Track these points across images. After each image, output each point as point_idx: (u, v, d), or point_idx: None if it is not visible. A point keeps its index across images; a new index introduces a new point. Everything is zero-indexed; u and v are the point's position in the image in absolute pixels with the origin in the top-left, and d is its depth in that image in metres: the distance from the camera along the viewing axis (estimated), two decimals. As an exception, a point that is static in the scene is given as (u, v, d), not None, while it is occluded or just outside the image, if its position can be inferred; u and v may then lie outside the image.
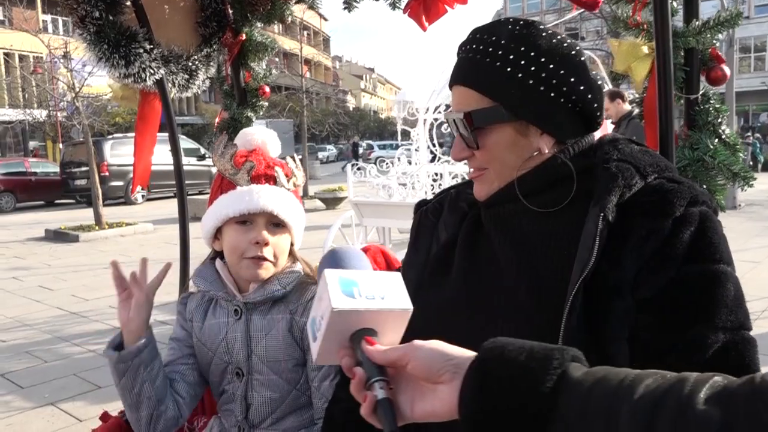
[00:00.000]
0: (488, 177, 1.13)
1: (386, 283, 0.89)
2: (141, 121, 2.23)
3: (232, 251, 1.51)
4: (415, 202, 1.37)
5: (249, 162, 1.51)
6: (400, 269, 1.31)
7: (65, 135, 26.34)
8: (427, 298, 1.20)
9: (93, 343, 5.74)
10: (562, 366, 0.72)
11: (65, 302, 7.34)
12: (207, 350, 1.57)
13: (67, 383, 4.78)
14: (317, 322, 0.87)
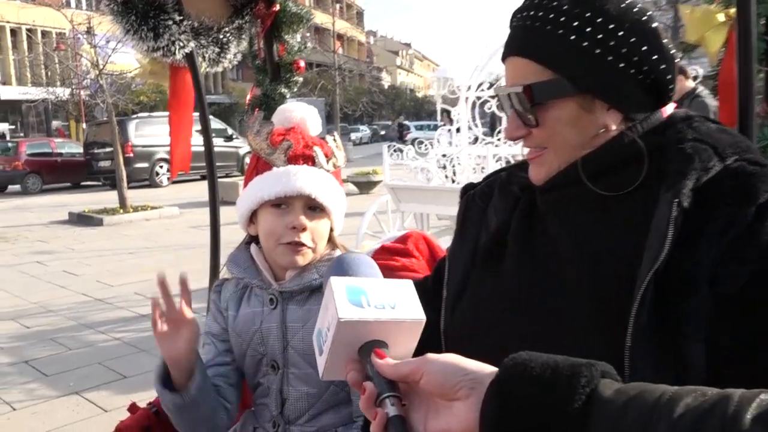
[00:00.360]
0: (547, 158, 1.10)
1: (397, 291, 0.88)
2: (174, 98, 2.24)
3: (267, 236, 1.50)
4: (456, 186, 1.35)
5: (286, 141, 1.50)
6: (446, 258, 1.29)
7: (88, 114, 26.89)
8: (476, 291, 1.18)
9: (118, 331, 5.87)
10: (591, 383, 0.71)
11: (90, 288, 7.52)
12: (241, 341, 1.58)
13: (91, 372, 4.90)
14: (323, 334, 0.86)
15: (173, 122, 2.37)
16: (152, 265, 8.68)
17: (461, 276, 1.23)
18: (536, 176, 1.13)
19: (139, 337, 5.68)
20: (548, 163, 1.10)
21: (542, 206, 1.14)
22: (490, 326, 1.09)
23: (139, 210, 13.35)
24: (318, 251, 1.53)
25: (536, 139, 1.09)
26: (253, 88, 2.35)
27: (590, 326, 0.97)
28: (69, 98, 25.85)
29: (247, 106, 2.30)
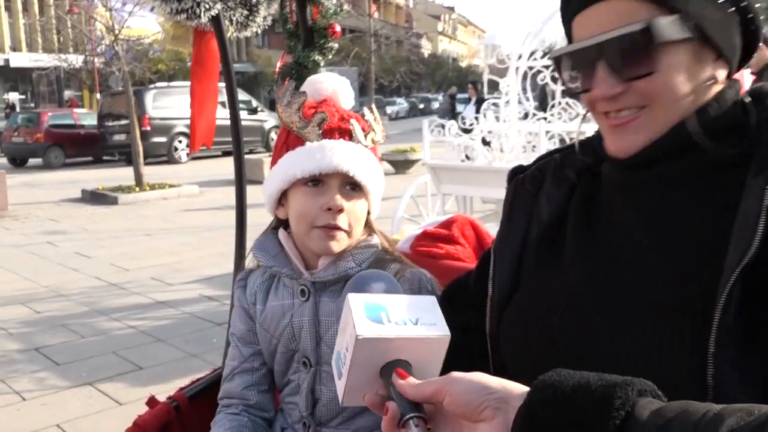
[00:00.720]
0: (645, 122, 1.03)
1: (420, 306, 0.90)
2: (198, 66, 2.23)
3: (299, 218, 1.50)
4: (503, 165, 1.33)
5: (320, 113, 1.48)
6: (492, 248, 1.27)
7: (103, 84, 27.33)
8: (529, 289, 1.16)
9: (133, 319, 5.99)
10: (626, 405, 0.71)
11: (103, 272, 7.68)
12: (270, 336, 1.58)
13: (105, 362, 5.01)
14: (342, 356, 0.88)
15: (196, 92, 2.37)
16: (170, 247, 8.82)
17: (509, 271, 1.21)
18: (629, 145, 1.04)
19: (156, 326, 5.79)
20: (648, 126, 1.03)
21: (612, 190, 1.11)
22: (547, 328, 1.07)
23: (156, 188, 13.56)
24: (354, 236, 1.52)
25: (638, 96, 1.02)
26: (283, 55, 2.34)
27: (668, 326, 0.94)
28: (82, 66, 26.27)
29: (277, 76, 2.29)
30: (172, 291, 6.86)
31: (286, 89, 1.53)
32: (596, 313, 1.03)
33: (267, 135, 21.90)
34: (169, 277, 7.34)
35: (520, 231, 1.23)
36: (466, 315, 1.33)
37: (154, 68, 22.52)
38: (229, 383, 1.63)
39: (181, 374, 4.60)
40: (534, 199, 1.23)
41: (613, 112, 1.05)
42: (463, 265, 1.86)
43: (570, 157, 1.24)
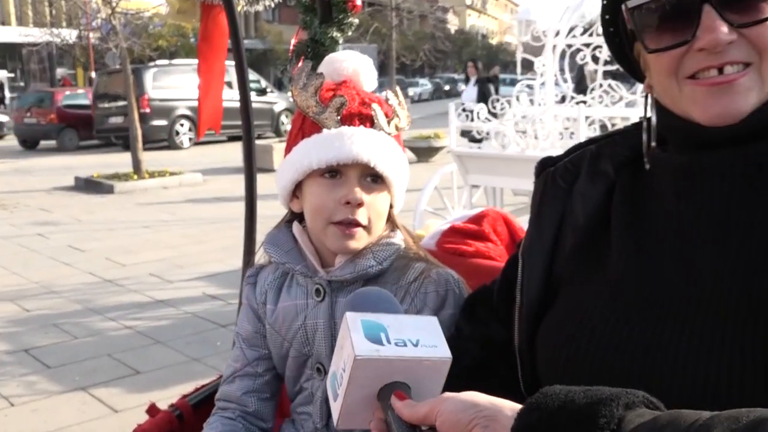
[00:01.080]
0: (756, 79, 0.98)
1: (421, 327, 0.94)
2: (205, 43, 2.24)
3: (315, 213, 1.50)
4: (538, 155, 1.32)
5: (339, 97, 1.48)
6: (520, 252, 1.26)
7: (98, 61, 27.53)
8: (567, 297, 1.15)
9: (130, 318, 6.05)
10: (612, 423, 0.75)
11: (98, 267, 7.75)
12: (281, 339, 1.59)
13: (100, 365, 5.06)
14: (338, 376, 0.91)
15: (203, 71, 2.39)
16: (170, 241, 8.89)
17: (540, 278, 1.20)
18: (736, 108, 0.98)
19: (155, 327, 5.84)
20: (758, 84, 0.98)
21: (660, 183, 1.09)
22: (591, 341, 1.05)
23: (155, 176, 13.65)
24: (374, 233, 1.52)
25: (746, 48, 0.98)
26: (298, 32, 2.34)
27: (727, 334, 0.93)
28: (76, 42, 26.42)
29: (291, 54, 2.30)
30: (172, 288, 6.91)
31: (301, 70, 1.53)
32: (644, 321, 1.02)
33: (277, 119, 21.96)
34: (170, 274, 7.39)
35: (551, 232, 1.21)
36: (489, 327, 1.33)
37: (154, 44, 22.67)
38: (229, 386, 1.64)
39: (181, 380, 4.64)
40: (567, 196, 1.21)
41: (713, 70, 0.99)
42: (495, 264, 1.85)
43: (607, 148, 1.22)
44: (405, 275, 1.52)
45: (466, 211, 2.19)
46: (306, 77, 1.52)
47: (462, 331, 1.39)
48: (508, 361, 1.24)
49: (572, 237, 1.18)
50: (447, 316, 1.48)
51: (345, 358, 0.90)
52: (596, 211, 1.17)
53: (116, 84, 18.82)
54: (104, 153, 19.63)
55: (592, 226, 1.17)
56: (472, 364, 1.29)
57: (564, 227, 1.20)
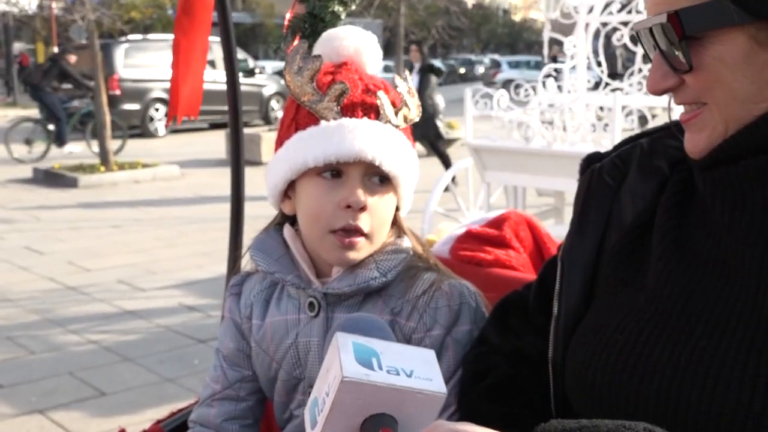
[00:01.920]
0: (706, 119, 1.07)
1: (416, 358, 0.97)
2: (185, 16, 2.24)
3: (312, 219, 1.50)
4: (566, 149, 1.35)
5: (339, 84, 1.47)
6: (560, 256, 1.28)
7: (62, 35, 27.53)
8: (606, 306, 1.17)
9: (95, 331, 6.06)
10: None
11: (59, 272, 7.76)
12: (270, 360, 1.59)
13: (59, 385, 5.07)
14: (320, 402, 0.94)
15: (181, 49, 2.38)
16: (142, 243, 8.90)
17: (581, 286, 1.22)
18: (693, 146, 1.10)
19: (123, 341, 5.85)
20: (710, 125, 1.07)
21: (705, 189, 1.12)
22: (620, 358, 1.08)
23: (126, 168, 13.66)
24: (377, 241, 1.52)
25: (691, 92, 1.07)
26: (294, 5, 2.35)
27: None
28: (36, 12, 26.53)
29: (285, 30, 2.30)
30: (144, 298, 6.92)
31: (296, 51, 1.52)
32: (677, 338, 1.04)
33: (266, 104, 21.98)
34: (141, 281, 7.41)
35: (596, 235, 1.23)
36: (522, 339, 1.34)
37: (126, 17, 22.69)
38: (207, 409, 1.65)
39: (153, 403, 4.65)
40: (615, 196, 1.24)
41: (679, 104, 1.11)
42: (517, 275, 1.86)
43: (661, 142, 1.24)
44: (413, 288, 1.52)
45: (484, 214, 2.19)
46: (301, 60, 1.51)
47: (488, 343, 1.40)
48: (539, 379, 1.26)
49: (617, 237, 1.21)
50: (462, 333, 1.49)
51: (330, 381, 0.92)
52: (646, 212, 1.19)
53: (82, 61, 18.84)
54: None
55: (639, 227, 1.19)
56: (499, 381, 1.31)
57: (610, 228, 1.23)
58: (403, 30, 20.12)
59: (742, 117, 1.04)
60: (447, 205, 7.11)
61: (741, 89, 1.03)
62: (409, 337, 1.50)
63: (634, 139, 1.29)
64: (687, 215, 1.14)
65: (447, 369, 1.46)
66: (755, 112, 1.03)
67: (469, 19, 41.99)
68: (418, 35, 27.68)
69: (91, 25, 13.92)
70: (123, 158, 14.12)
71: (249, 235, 1.68)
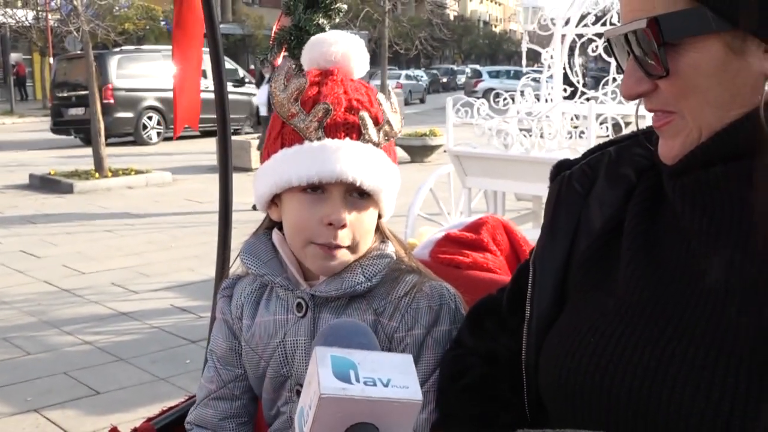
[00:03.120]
0: (679, 125, 1.07)
1: (393, 365, 0.98)
2: (179, 29, 2.24)
3: (295, 231, 1.51)
4: (543, 156, 1.35)
5: (323, 105, 1.47)
6: (532, 260, 1.28)
7: (57, 46, 27.40)
8: (576, 310, 1.17)
9: (89, 332, 6.03)
10: None
11: (54, 275, 7.72)
12: (258, 358, 1.59)
13: (54, 384, 5.05)
14: (305, 413, 0.96)
15: (178, 60, 2.39)
16: (135, 247, 8.86)
17: (552, 289, 1.22)
18: (668, 151, 1.09)
19: (117, 342, 5.82)
20: (684, 131, 1.07)
21: (673, 194, 1.12)
22: (592, 360, 1.07)
23: (120, 174, 13.61)
24: (360, 251, 1.54)
25: (664, 97, 1.07)
26: (280, 17, 2.35)
27: (745, 368, 0.95)
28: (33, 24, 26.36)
29: (272, 42, 2.30)
30: (137, 300, 6.89)
31: (281, 68, 1.53)
32: (647, 341, 1.04)
33: (256, 112, 21.89)
34: (134, 283, 7.38)
35: (566, 241, 1.23)
36: (497, 341, 1.35)
37: (119, 28, 22.56)
38: (203, 409, 1.65)
39: (146, 401, 4.63)
40: (583, 202, 1.24)
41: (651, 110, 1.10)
42: (494, 277, 1.86)
43: (628, 150, 1.24)
44: (395, 289, 1.53)
45: (463, 218, 2.20)
46: (286, 77, 1.51)
47: (464, 345, 1.41)
48: (514, 379, 1.26)
49: (586, 244, 1.21)
50: (442, 333, 1.50)
51: (312, 395, 0.94)
52: (613, 219, 1.19)
53: (77, 71, 18.76)
54: (62, 148, 19.55)
55: (607, 232, 1.19)
56: (475, 381, 1.32)
57: (579, 235, 1.23)
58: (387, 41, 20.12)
59: (715, 124, 1.04)
60: (430, 209, 7.12)
61: (714, 96, 1.03)
62: (391, 336, 1.51)
63: (602, 147, 1.29)
64: (655, 221, 1.14)
65: (427, 367, 1.48)
66: (726, 120, 1.03)
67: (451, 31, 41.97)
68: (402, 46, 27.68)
69: (85, 36, 13.85)
70: (116, 165, 14.06)
71: (239, 239, 1.68)
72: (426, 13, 31.70)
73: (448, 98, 7.08)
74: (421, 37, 28.87)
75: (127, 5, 27.77)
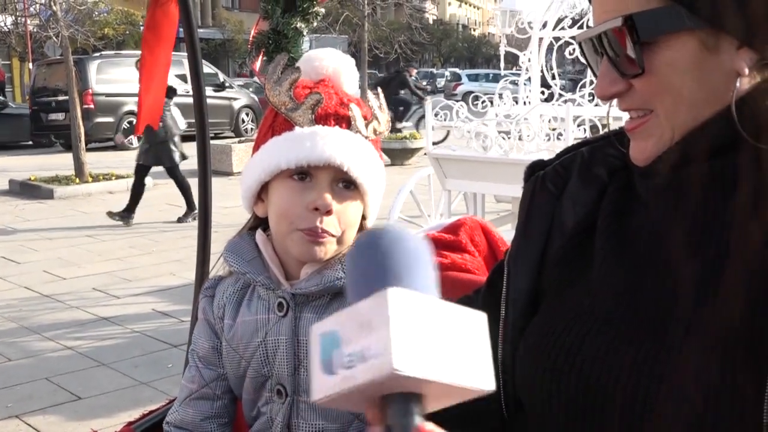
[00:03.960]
0: (652, 127, 1.08)
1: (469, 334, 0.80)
2: (150, 32, 2.26)
3: (280, 217, 1.51)
4: (522, 158, 1.35)
5: (315, 94, 1.50)
6: (506, 261, 1.29)
7: (37, 51, 27.22)
8: (551, 309, 1.18)
9: (71, 338, 6.00)
10: None
11: (35, 280, 7.67)
12: (239, 357, 1.59)
13: (35, 390, 5.01)
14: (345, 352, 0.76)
15: (146, 63, 2.41)
16: (117, 252, 8.82)
17: (527, 289, 1.23)
18: (640, 153, 1.10)
19: (98, 347, 5.79)
20: (657, 132, 1.07)
21: (646, 194, 1.13)
22: (568, 359, 1.08)
23: (100, 179, 13.54)
24: (345, 243, 1.54)
25: (639, 97, 1.07)
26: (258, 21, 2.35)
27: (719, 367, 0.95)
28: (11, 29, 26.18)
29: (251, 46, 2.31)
30: (118, 304, 6.86)
31: (276, 62, 1.55)
32: (621, 340, 1.05)
33: (236, 116, 21.91)
34: (115, 288, 7.34)
35: (540, 241, 1.24)
36: None
37: (99, 33, 22.51)
38: (184, 409, 1.65)
39: (128, 406, 4.61)
40: (557, 202, 1.25)
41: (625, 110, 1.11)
42: (473, 277, 1.87)
43: (601, 151, 1.25)
44: None
45: (442, 220, 2.21)
46: (281, 71, 1.54)
47: None
48: None
49: (559, 243, 1.22)
50: None
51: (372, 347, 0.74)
52: (586, 219, 1.20)
53: (57, 77, 18.66)
54: (42, 153, 19.43)
55: (580, 232, 1.20)
56: None
57: (553, 234, 1.23)
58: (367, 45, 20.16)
59: (688, 122, 1.05)
60: (410, 211, 7.13)
61: (689, 94, 1.03)
62: None
63: (575, 148, 1.30)
64: (628, 221, 1.15)
65: None
66: (700, 118, 1.04)
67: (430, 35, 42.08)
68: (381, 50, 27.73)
69: (65, 42, 13.79)
70: (97, 170, 13.98)
71: (219, 242, 1.69)
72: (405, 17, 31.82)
73: (428, 101, 7.10)
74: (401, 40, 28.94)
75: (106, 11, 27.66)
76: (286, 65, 1.54)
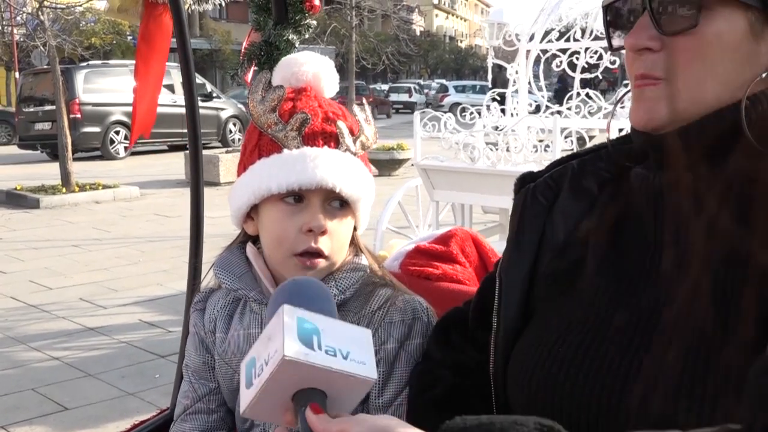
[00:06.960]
0: (662, 92, 1.06)
1: (354, 338, 1.00)
2: (144, 43, 2.27)
3: (275, 242, 1.51)
4: (510, 169, 1.37)
5: (301, 114, 1.49)
6: (498, 273, 1.29)
7: (23, 60, 27.15)
8: (543, 320, 1.18)
9: (57, 348, 5.95)
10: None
11: (21, 290, 7.62)
12: (232, 372, 1.59)
13: (22, 400, 4.97)
14: (257, 366, 0.96)
15: (140, 73, 2.42)
16: (103, 262, 8.77)
17: (518, 301, 1.23)
18: (646, 114, 1.08)
19: (85, 358, 5.75)
20: (665, 98, 1.06)
21: (637, 203, 1.13)
22: (561, 369, 1.08)
23: (87, 189, 13.46)
24: (336, 261, 1.55)
25: (664, 61, 1.06)
26: (250, 33, 2.36)
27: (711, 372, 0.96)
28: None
29: (242, 58, 2.32)
30: (105, 315, 6.82)
31: (258, 81, 1.54)
32: (615, 349, 1.05)
33: (224, 126, 21.90)
34: (102, 298, 7.30)
35: (531, 253, 1.24)
36: (465, 353, 1.36)
37: (86, 42, 22.47)
38: (181, 425, 1.65)
39: (115, 417, 4.58)
40: (547, 213, 1.25)
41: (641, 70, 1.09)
42: (463, 288, 1.88)
43: (591, 163, 1.26)
44: (369, 303, 1.53)
45: (433, 231, 2.22)
46: (264, 90, 1.53)
47: (432, 359, 1.41)
48: (482, 391, 1.27)
49: (551, 255, 1.22)
50: (414, 346, 1.51)
51: (271, 352, 0.94)
52: (575, 230, 1.20)
53: (43, 86, 18.58)
54: (29, 163, 19.34)
55: (571, 244, 1.20)
56: (444, 392, 1.32)
57: (544, 246, 1.23)
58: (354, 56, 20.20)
59: (707, 100, 1.05)
60: (398, 222, 7.13)
61: (722, 71, 1.04)
62: None
63: (565, 161, 1.30)
64: (619, 232, 1.15)
65: (400, 381, 1.49)
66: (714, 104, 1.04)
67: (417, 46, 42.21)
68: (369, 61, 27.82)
69: (52, 51, 13.73)
70: (84, 179, 13.93)
71: (207, 252, 1.68)
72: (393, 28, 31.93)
73: (416, 113, 7.11)
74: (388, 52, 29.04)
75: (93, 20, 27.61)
76: (269, 83, 1.53)
